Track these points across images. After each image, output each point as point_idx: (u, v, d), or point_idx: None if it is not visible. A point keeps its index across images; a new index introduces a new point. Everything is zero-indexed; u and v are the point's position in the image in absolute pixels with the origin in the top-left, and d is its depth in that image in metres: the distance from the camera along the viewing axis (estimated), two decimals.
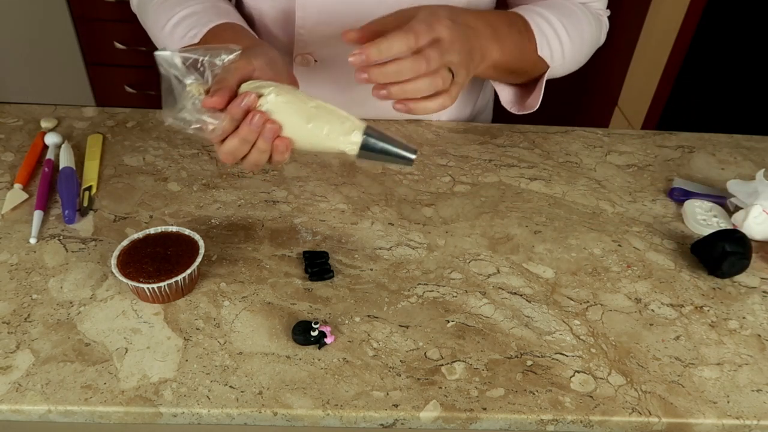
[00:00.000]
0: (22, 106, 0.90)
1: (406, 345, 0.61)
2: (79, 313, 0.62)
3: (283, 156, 0.61)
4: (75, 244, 0.70)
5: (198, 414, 0.55)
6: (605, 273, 0.71)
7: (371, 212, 0.76)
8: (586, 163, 0.87)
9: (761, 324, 0.66)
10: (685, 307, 0.67)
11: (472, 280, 0.68)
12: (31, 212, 0.72)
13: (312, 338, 0.60)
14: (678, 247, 0.75)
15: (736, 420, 0.57)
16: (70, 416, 0.55)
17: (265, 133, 0.59)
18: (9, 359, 0.58)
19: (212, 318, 0.62)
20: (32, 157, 0.80)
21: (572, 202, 0.80)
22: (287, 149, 0.61)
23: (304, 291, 0.66)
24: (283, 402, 0.56)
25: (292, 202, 0.77)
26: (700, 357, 0.62)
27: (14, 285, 0.65)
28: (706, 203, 0.79)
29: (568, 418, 0.56)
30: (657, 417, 0.57)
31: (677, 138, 0.94)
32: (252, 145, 0.60)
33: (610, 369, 0.60)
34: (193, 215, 0.74)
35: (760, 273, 0.72)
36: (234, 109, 0.58)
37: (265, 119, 0.59)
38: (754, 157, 0.91)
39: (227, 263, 0.68)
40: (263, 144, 0.60)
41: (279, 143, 0.60)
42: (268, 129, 0.59)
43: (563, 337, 0.63)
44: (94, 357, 0.58)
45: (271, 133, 0.59)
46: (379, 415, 0.56)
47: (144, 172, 0.80)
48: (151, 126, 0.88)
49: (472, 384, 0.58)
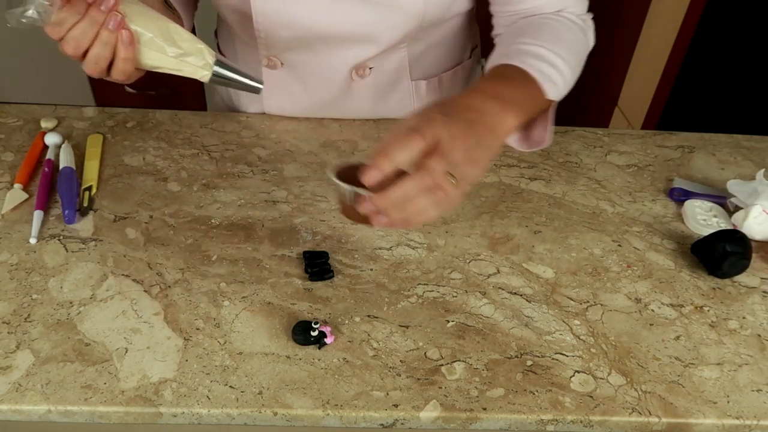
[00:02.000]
0: (22, 106, 0.90)
1: (406, 345, 0.61)
2: (79, 313, 0.62)
3: (126, 50, 0.60)
4: (75, 244, 0.70)
5: (198, 414, 0.55)
6: (605, 273, 0.71)
7: None
8: (586, 163, 0.87)
9: (761, 324, 0.66)
10: (685, 307, 0.67)
11: (472, 280, 0.68)
12: (31, 212, 0.72)
13: (312, 338, 0.60)
14: (678, 247, 0.75)
15: (736, 420, 0.57)
16: (70, 416, 0.55)
17: (110, 23, 0.58)
18: (9, 359, 0.58)
19: (212, 318, 0.62)
20: (32, 157, 0.80)
21: (572, 202, 0.80)
22: (131, 42, 0.60)
23: (304, 291, 0.66)
24: (283, 402, 0.56)
25: (292, 202, 0.77)
26: (700, 357, 0.62)
27: (14, 285, 0.65)
28: (706, 203, 0.79)
29: (568, 418, 0.56)
30: (657, 417, 0.57)
31: (677, 138, 0.94)
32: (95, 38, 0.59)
33: (610, 369, 0.60)
34: (193, 215, 0.74)
35: (760, 273, 0.72)
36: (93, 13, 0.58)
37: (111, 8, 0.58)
38: (754, 157, 0.91)
39: (227, 263, 0.68)
40: (107, 35, 0.59)
41: (124, 34, 0.59)
42: (112, 17, 0.58)
43: (563, 337, 0.63)
44: (94, 357, 0.58)
45: (115, 22, 0.58)
46: (379, 415, 0.56)
47: (144, 172, 0.80)
48: (151, 126, 0.88)
49: (472, 384, 0.58)
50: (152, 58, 0.62)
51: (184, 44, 0.62)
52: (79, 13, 0.58)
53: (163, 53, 0.62)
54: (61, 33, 0.58)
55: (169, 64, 0.62)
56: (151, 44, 0.61)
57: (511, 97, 0.63)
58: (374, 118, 0.92)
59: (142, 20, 0.61)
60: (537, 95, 0.68)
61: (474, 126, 0.58)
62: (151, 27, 0.61)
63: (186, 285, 0.66)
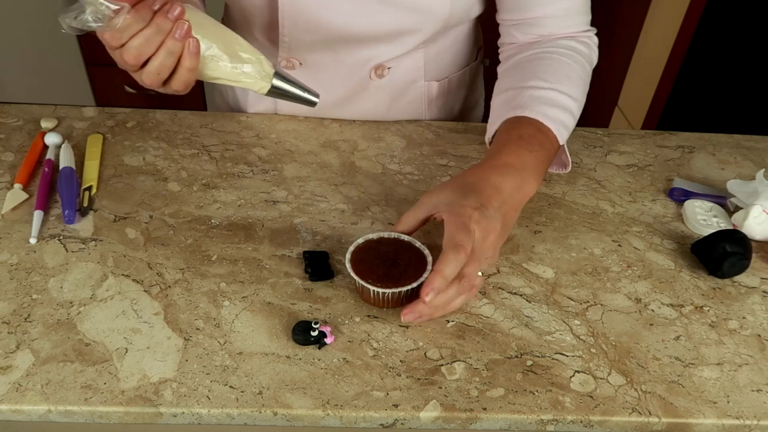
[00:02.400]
0: (22, 106, 0.90)
1: (406, 345, 0.61)
2: (79, 313, 0.62)
3: (192, 60, 0.58)
4: (75, 244, 0.70)
5: (198, 414, 0.55)
6: (605, 273, 0.71)
7: (371, 212, 0.76)
8: (586, 163, 0.87)
9: (761, 324, 0.66)
10: (685, 307, 0.67)
11: None
12: (31, 212, 0.72)
13: (312, 338, 0.60)
14: (678, 247, 0.75)
15: (736, 420, 0.57)
16: (70, 416, 0.55)
17: (178, 32, 0.56)
18: (9, 359, 0.58)
19: (212, 318, 0.62)
20: (32, 157, 0.80)
21: (572, 202, 0.80)
22: (197, 52, 0.58)
23: (304, 291, 0.66)
24: (283, 402, 0.56)
25: (292, 202, 0.77)
26: (700, 357, 0.62)
27: (14, 285, 0.65)
28: (706, 203, 0.79)
29: (568, 418, 0.56)
30: (657, 417, 0.57)
31: (677, 138, 0.94)
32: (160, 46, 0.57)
33: (610, 369, 0.60)
34: (193, 215, 0.74)
35: (760, 273, 0.72)
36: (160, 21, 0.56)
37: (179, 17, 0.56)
38: (754, 157, 0.91)
39: (227, 263, 0.68)
40: (173, 43, 0.56)
41: (192, 43, 0.57)
42: (180, 25, 0.56)
43: (563, 337, 0.63)
44: (94, 357, 0.58)
45: (182, 31, 0.56)
46: (379, 415, 0.56)
47: (144, 172, 0.80)
48: (151, 126, 0.88)
49: (472, 384, 0.58)
50: (213, 68, 0.60)
51: (245, 55, 0.61)
52: (144, 20, 0.56)
53: (225, 64, 0.60)
54: (122, 40, 0.56)
55: (229, 75, 0.61)
56: (213, 55, 0.60)
57: (533, 165, 0.68)
58: (406, 120, 0.93)
59: (205, 30, 0.59)
60: (551, 147, 0.72)
61: (506, 216, 0.64)
62: (213, 37, 0.59)
63: (186, 285, 0.66)
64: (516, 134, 0.71)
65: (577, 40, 0.80)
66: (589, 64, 0.81)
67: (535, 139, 0.70)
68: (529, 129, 0.71)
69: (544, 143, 0.70)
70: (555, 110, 0.72)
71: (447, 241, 0.60)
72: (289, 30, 0.79)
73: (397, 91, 0.90)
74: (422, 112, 0.94)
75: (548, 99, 0.73)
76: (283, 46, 0.81)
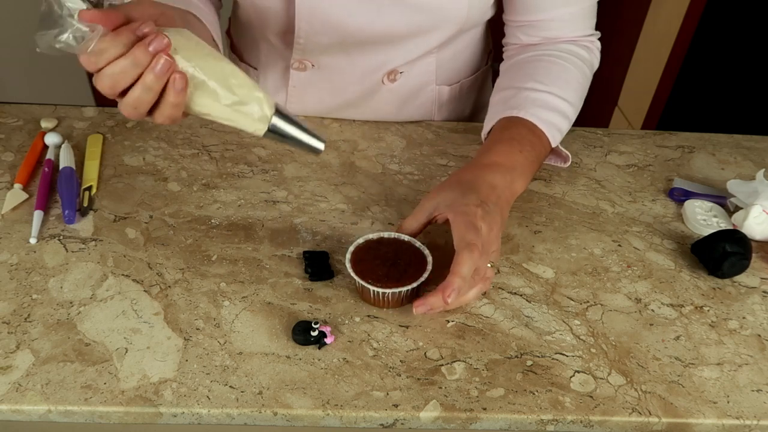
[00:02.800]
0: (22, 106, 0.90)
1: (406, 345, 0.61)
2: (79, 313, 0.62)
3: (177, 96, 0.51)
4: (75, 244, 0.70)
5: (198, 414, 0.55)
6: (605, 273, 0.71)
7: (371, 212, 0.76)
8: (586, 163, 0.87)
9: (761, 324, 0.66)
10: (685, 307, 0.67)
11: None
12: (31, 212, 0.72)
13: (312, 338, 0.60)
14: (678, 247, 0.75)
15: (736, 420, 0.57)
16: (70, 416, 0.55)
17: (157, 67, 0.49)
18: (9, 359, 0.58)
19: (212, 318, 0.62)
20: (32, 157, 0.80)
21: (572, 202, 0.80)
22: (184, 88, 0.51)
23: (304, 291, 0.66)
24: (283, 402, 0.56)
25: (292, 202, 0.77)
26: (700, 357, 0.62)
27: (14, 285, 0.65)
28: (706, 203, 0.79)
29: (568, 418, 0.56)
30: (657, 417, 0.57)
31: (677, 138, 0.94)
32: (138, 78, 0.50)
33: (610, 369, 0.60)
34: (193, 215, 0.74)
35: (760, 273, 0.72)
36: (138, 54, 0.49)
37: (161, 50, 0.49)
38: (754, 157, 0.91)
39: (227, 263, 0.68)
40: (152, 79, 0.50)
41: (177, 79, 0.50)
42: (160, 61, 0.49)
43: (563, 337, 0.63)
44: (94, 357, 0.58)
45: (163, 67, 0.49)
46: (379, 415, 0.56)
47: (144, 172, 0.80)
48: (151, 126, 0.88)
49: (472, 384, 0.58)
50: (203, 104, 0.53)
51: (241, 90, 0.53)
52: (123, 44, 0.49)
53: (217, 100, 0.53)
54: (98, 65, 0.50)
55: (222, 113, 0.54)
56: (203, 88, 0.52)
57: (522, 165, 0.71)
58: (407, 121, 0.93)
59: (196, 58, 0.52)
60: (542, 149, 0.74)
61: (502, 210, 0.66)
62: (205, 67, 0.52)
63: (186, 285, 0.66)
64: (508, 134, 0.73)
65: (579, 45, 0.81)
66: (590, 68, 0.82)
67: (526, 140, 0.72)
68: (522, 130, 0.73)
69: (535, 144, 0.72)
70: (549, 113, 0.74)
71: (458, 241, 0.61)
72: (305, 32, 0.78)
73: (407, 95, 0.90)
74: (432, 115, 0.94)
75: (543, 102, 0.75)
76: (298, 47, 0.81)
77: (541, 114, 0.74)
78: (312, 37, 0.79)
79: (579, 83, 0.79)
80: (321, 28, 0.78)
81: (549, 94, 0.75)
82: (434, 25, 0.79)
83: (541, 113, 0.74)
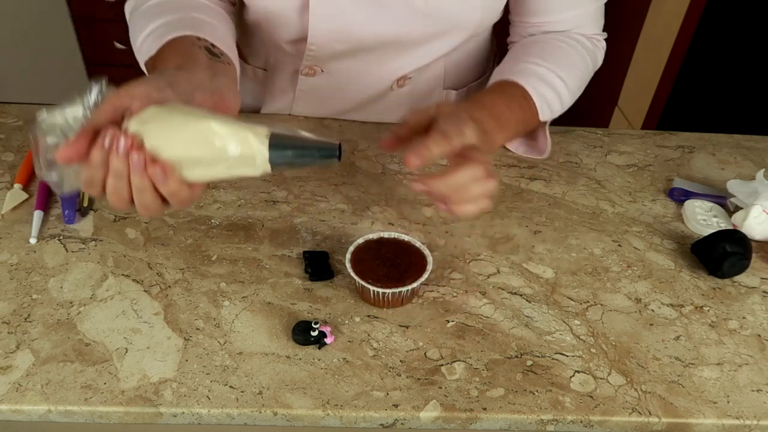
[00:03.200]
0: (22, 106, 0.90)
1: (406, 345, 0.61)
2: (79, 313, 0.62)
3: (165, 185, 0.49)
4: (75, 244, 0.70)
5: (198, 414, 0.55)
6: (605, 273, 0.71)
7: (371, 212, 0.76)
8: (586, 163, 0.87)
9: (761, 324, 0.66)
10: (685, 307, 0.67)
11: (472, 280, 0.68)
12: (31, 212, 0.72)
13: (312, 338, 0.60)
14: (678, 247, 0.75)
15: (736, 420, 0.57)
16: (70, 416, 0.55)
17: (133, 165, 0.48)
18: (9, 359, 0.58)
19: (212, 318, 0.62)
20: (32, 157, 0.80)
21: (572, 202, 0.80)
22: (167, 176, 0.49)
23: (304, 291, 0.66)
24: (283, 402, 0.56)
25: (292, 202, 0.77)
26: (700, 357, 0.62)
27: (14, 285, 0.65)
28: (706, 203, 0.79)
29: (568, 418, 0.56)
30: (657, 417, 0.57)
31: (677, 138, 0.94)
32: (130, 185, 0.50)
33: (610, 369, 0.60)
34: (193, 215, 0.74)
35: (760, 273, 0.72)
36: (94, 153, 0.48)
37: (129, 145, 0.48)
38: (754, 157, 0.91)
39: (227, 263, 0.68)
40: (137, 179, 0.48)
41: (153, 171, 0.48)
42: (134, 159, 0.48)
43: (563, 337, 0.63)
44: (94, 357, 0.58)
45: (138, 163, 0.48)
46: (379, 415, 0.56)
47: None
48: None
49: (472, 384, 0.58)
50: (199, 175, 0.50)
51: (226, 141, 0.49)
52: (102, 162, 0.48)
53: (209, 168, 0.50)
54: (98, 190, 0.50)
55: (221, 174, 0.51)
56: (191, 164, 0.49)
57: (507, 119, 0.71)
58: None
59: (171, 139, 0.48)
60: (530, 117, 0.75)
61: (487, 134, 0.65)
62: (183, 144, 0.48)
63: (186, 285, 0.66)
64: (500, 90, 0.74)
65: (585, 37, 0.82)
66: (592, 61, 0.83)
67: (516, 101, 0.73)
68: (515, 92, 0.74)
69: (524, 108, 0.73)
70: (545, 88, 0.75)
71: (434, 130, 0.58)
72: (318, 40, 0.78)
73: (415, 99, 0.90)
74: None
75: (542, 76, 0.76)
76: (309, 54, 0.80)
77: (537, 86, 0.74)
78: (324, 44, 0.79)
79: (580, 70, 0.80)
80: (335, 36, 0.78)
81: (549, 72, 0.76)
82: (447, 31, 0.79)
83: (538, 85, 0.75)
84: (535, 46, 0.80)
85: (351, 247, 0.65)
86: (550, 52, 0.78)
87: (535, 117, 0.75)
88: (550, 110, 0.76)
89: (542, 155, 0.83)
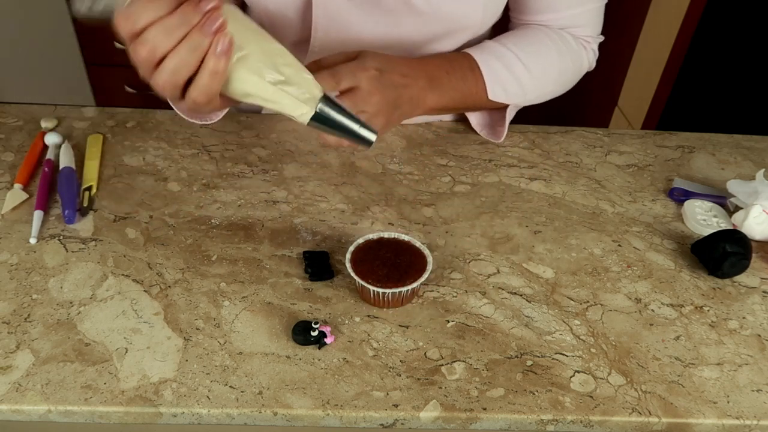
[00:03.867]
0: (22, 106, 0.90)
1: (406, 345, 0.61)
2: (79, 313, 0.62)
3: (219, 61, 0.46)
4: (75, 244, 0.70)
5: (198, 414, 0.55)
6: (605, 273, 0.71)
7: (371, 212, 0.76)
8: (586, 163, 0.87)
9: (761, 324, 0.66)
10: (685, 307, 0.67)
11: (472, 280, 0.68)
12: (31, 212, 0.72)
13: (312, 338, 0.60)
14: (678, 247, 0.75)
15: (736, 420, 0.57)
16: (70, 416, 0.55)
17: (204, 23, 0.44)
18: (9, 359, 0.58)
19: (212, 318, 0.62)
20: (32, 157, 0.80)
21: (572, 202, 0.80)
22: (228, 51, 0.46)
23: (304, 291, 0.66)
24: (283, 402, 0.56)
25: (292, 202, 0.77)
26: (700, 357, 0.62)
27: (14, 285, 0.65)
28: (706, 203, 0.79)
29: (568, 418, 0.56)
30: (657, 417, 0.57)
31: (677, 138, 0.94)
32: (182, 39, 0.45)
33: (610, 369, 0.60)
34: (193, 215, 0.74)
35: (760, 273, 0.72)
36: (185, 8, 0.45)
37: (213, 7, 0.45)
38: (754, 157, 0.91)
39: (227, 263, 0.68)
40: (198, 37, 0.45)
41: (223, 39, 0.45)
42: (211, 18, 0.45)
43: (563, 337, 0.63)
44: (94, 357, 0.58)
45: (214, 24, 0.45)
46: (379, 415, 0.56)
47: (144, 172, 0.80)
48: (151, 126, 0.88)
49: (472, 384, 0.58)
50: (245, 80, 0.49)
51: (287, 70, 0.49)
52: (167, 6, 0.45)
53: (261, 77, 0.48)
54: (136, 27, 0.45)
55: (265, 92, 0.49)
56: (246, 63, 0.48)
57: (442, 83, 0.70)
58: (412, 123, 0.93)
59: (240, 31, 0.47)
60: (475, 91, 0.74)
61: (397, 90, 0.67)
62: (250, 41, 0.48)
63: (186, 285, 0.66)
64: (448, 56, 0.74)
65: (574, 37, 0.81)
66: (575, 61, 0.83)
67: (460, 71, 0.73)
68: (463, 62, 0.74)
69: (467, 79, 0.73)
70: (500, 67, 0.75)
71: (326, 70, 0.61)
72: (320, 41, 0.78)
73: None
74: (438, 118, 0.94)
75: (501, 55, 0.75)
76: (311, 54, 0.81)
77: (491, 62, 0.74)
78: (327, 45, 0.79)
79: (550, 63, 0.80)
80: (337, 37, 0.78)
81: (510, 53, 0.76)
82: (449, 32, 0.79)
83: (492, 62, 0.74)
84: (513, 32, 0.81)
85: (351, 247, 0.65)
86: (521, 38, 0.79)
87: (482, 92, 0.74)
88: (504, 91, 0.75)
89: (499, 139, 0.84)
